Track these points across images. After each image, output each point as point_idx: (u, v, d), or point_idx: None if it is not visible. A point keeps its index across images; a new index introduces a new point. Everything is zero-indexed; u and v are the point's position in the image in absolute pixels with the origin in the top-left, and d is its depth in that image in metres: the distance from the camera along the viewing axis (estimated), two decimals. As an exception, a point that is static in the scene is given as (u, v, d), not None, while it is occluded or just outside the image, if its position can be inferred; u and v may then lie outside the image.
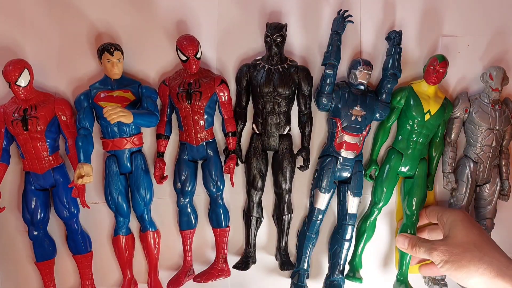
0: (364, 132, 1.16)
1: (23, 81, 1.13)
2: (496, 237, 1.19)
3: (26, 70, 1.14)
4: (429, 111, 1.16)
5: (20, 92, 1.14)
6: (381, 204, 1.21)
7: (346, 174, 1.20)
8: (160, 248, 1.29)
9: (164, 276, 1.28)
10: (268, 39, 1.16)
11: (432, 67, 1.17)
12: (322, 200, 1.20)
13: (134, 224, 1.28)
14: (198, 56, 1.14)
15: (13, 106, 1.18)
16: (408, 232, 1.18)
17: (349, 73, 1.18)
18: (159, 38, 1.25)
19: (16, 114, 1.16)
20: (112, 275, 1.31)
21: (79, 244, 1.24)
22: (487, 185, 1.27)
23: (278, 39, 1.15)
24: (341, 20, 1.16)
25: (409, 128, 1.18)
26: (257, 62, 1.21)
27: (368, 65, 1.16)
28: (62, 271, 1.29)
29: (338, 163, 1.18)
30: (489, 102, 1.24)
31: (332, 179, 1.19)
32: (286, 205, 1.24)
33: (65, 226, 1.25)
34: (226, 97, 1.21)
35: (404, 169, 1.20)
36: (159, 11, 1.25)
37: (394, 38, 1.19)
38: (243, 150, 1.27)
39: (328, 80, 1.15)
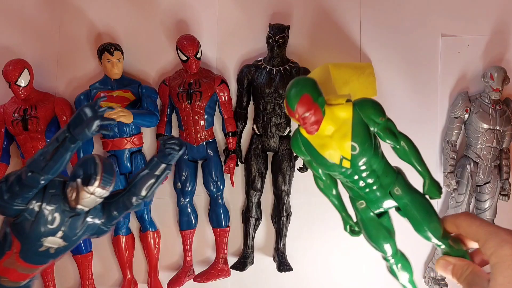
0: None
1: (23, 81, 1.13)
2: (496, 237, 1.19)
3: (26, 70, 1.14)
4: (341, 158, 0.73)
5: (20, 92, 1.14)
6: (390, 252, 0.81)
7: None
8: (160, 248, 1.28)
9: (164, 276, 1.28)
10: (270, 40, 1.16)
11: (295, 118, 0.72)
12: None
13: (134, 224, 1.28)
14: (198, 56, 1.15)
15: (13, 106, 1.18)
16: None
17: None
18: (159, 38, 1.25)
19: (16, 114, 1.16)
20: (112, 275, 1.31)
21: (79, 244, 1.23)
22: (488, 185, 1.27)
23: (280, 40, 1.16)
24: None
25: (343, 181, 0.79)
26: (259, 63, 1.21)
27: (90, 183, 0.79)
28: (62, 271, 1.29)
29: None
30: (489, 102, 1.24)
31: None
32: (285, 206, 1.24)
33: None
34: (226, 97, 1.21)
35: (380, 208, 0.79)
36: (159, 11, 1.25)
37: (169, 149, 0.87)
38: (243, 150, 1.27)
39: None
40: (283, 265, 1.23)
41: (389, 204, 0.78)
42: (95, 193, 0.79)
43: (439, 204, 1.33)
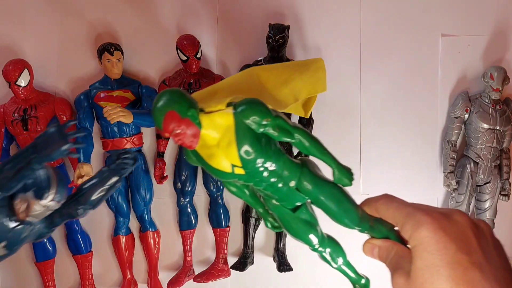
0: None
1: (23, 81, 1.13)
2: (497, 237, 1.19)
3: (26, 70, 1.14)
4: (232, 166, 0.71)
5: (20, 92, 1.14)
6: (316, 241, 0.78)
7: None
8: (160, 248, 1.28)
9: (164, 276, 1.28)
10: (270, 40, 1.16)
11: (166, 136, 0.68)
12: None
13: (134, 224, 1.28)
14: (198, 56, 1.15)
15: (13, 106, 1.18)
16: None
17: None
18: (159, 38, 1.25)
19: (16, 114, 1.16)
20: (112, 275, 1.31)
21: (79, 244, 1.24)
22: (488, 185, 1.27)
23: (280, 41, 1.16)
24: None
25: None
26: (259, 63, 1.21)
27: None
28: (62, 271, 1.29)
29: None
30: (490, 102, 1.24)
31: None
32: (285, 205, 1.24)
33: (65, 226, 1.24)
34: (226, 97, 1.21)
35: (293, 204, 0.77)
36: (160, 11, 1.25)
37: (123, 163, 0.88)
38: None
39: None
40: (283, 265, 1.23)
41: (300, 199, 0.75)
42: (48, 206, 0.77)
43: (440, 205, 1.32)
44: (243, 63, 1.25)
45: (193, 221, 1.26)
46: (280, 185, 0.73)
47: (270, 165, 0.71)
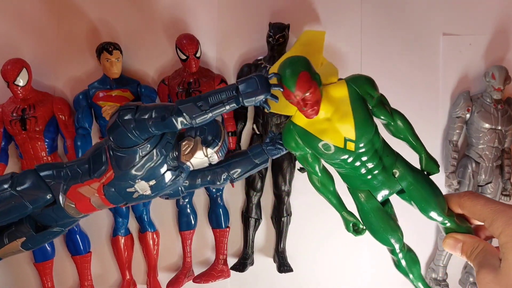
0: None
1: (21, 80, 1.13)
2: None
3: (24, 69, 1.13)
4: (345, 140, 0.70)
5: (19, 92, 1.13)
6: (398, 245, 0.76)
7: None
8: (159, 248, 1.28)
9: (164, 277, 1.28)
10: (270, 39, 1.16)
11: (294, 101, 0.69)
12: None
13: (133, 225, 1.28)
14: (197, 55, 1.14)
15: (11, 105, 1.17)
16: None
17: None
18: (158, 37, 1.24)
19: (14, 114, 1.15)
20: (111, 276, 1.30)
21: (78, 244, 1.23)
22: (489, 185, 1.26)
23: (281, 40, 1.15)
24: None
25: (343, 171, 0.76)
26: (259, 62, 1.20)
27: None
28: (61, 272, 1.28)
29: None
30: (491, 101, 1.23)
31: None
32: (285, 207, 1.23)
33: (63, 227, 1.24)
34: (226, 96, 1.20)
35: (384, 194, 0.76)
36: (159, 10, 1.24)
37: (279, 145, 0.87)
38: (243, 150, 1.26)
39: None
40: (283, 266, 1.22)
41: (392, 187, 0.74)
42: (209, 156, 0.77)
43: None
44: (243, 62, 1.24)
45: (193, 222, 1.26)
46: (376, 171, 0.73)
47: (375, 143, 0.72)
